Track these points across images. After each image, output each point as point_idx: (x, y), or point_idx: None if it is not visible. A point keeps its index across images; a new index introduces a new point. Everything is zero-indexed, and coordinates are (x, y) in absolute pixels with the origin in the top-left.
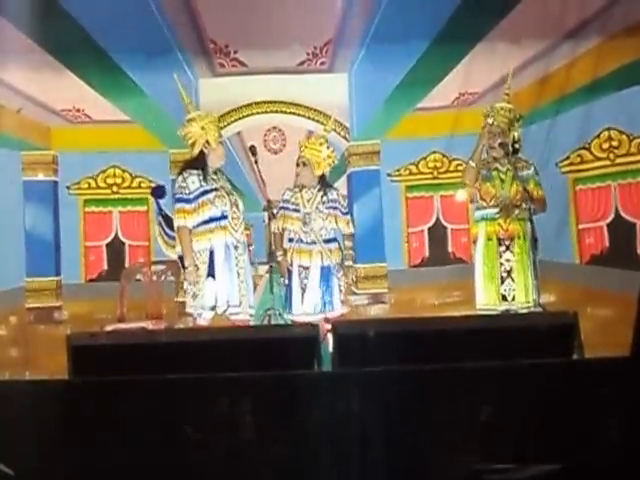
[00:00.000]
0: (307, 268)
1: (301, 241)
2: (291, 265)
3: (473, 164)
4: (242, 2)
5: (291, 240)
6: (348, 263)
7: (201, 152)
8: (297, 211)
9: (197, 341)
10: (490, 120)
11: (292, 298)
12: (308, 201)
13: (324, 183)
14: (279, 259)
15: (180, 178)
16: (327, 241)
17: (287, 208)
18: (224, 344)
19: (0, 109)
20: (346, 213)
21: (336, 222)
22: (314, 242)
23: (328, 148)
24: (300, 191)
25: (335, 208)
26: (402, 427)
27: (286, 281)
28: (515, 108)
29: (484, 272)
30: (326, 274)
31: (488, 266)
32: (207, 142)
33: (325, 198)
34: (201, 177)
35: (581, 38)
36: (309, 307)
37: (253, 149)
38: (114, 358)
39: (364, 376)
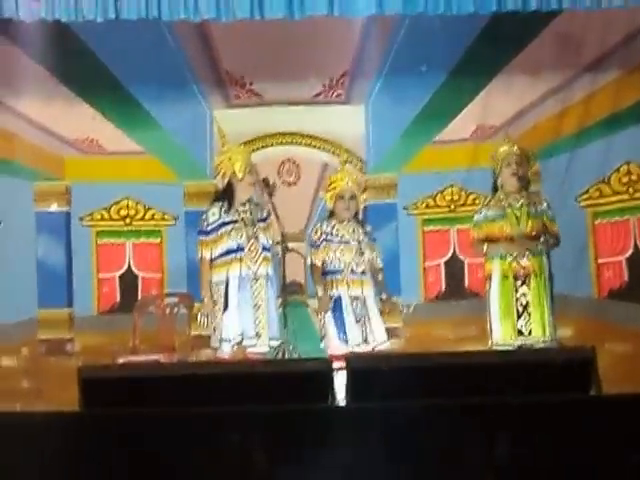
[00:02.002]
0: (358, 298)
1: (352, 272)
2: (339, 297)
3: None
4: (258, 33)
5: (335, 272)
6: (385, 296)
7: (229, 183)
8: (347, 242)
9: (209, 374)
10: (509, 151)
11: (346, 329)
12: (353, 232)
13: (359, 217)
14: (319, 294)
15: (206, 211)
16: (371, 272)
17: (331, 240)
18: (237, 377)
19: (13, 139)
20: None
21: (376, 254)
22: (364, 272)
23: (359, 182)
24: (341, 223)
25: (374, 240)
26: (415, 462)
27: (327, 315)
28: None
29: (500, 309)
30: (377, 305)
31: (504, 302)
32: (234, 173)
33: (363, 230)
34: (224, 209)
35: (600, 71)
36: (364, 337)
37: (266, 182)
38: (125, 391)
39: (378, 410)
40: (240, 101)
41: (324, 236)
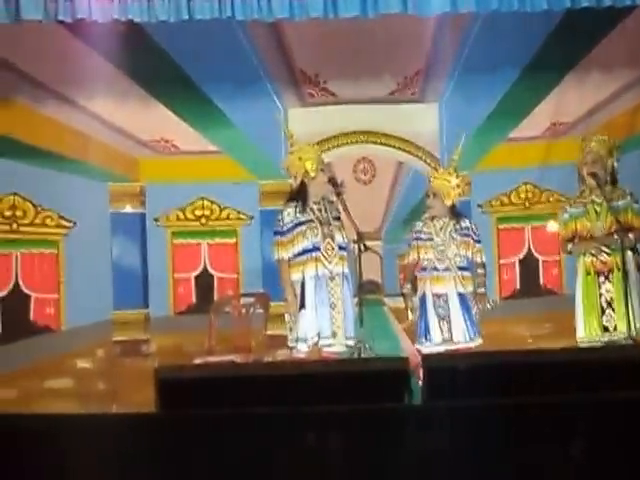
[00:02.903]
0: (441, 296)
1: (435, 269)
2: (424, 295)
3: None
4: (332, 32)
5: (424, 269)
6: (481, 291)
7: (302, 183)
8: (431, 240)
9: (285, 374)
10: (587, 148)
11: (430, 328)
12: (441, 229)
13: (455, 212)
14: (405, 291)
15: (281, 210)
16: (461, 269)
17: (421, 238)
18: (312, 377)
19: (88, 140)
20: (478, 241)
21: (469, 250)
22: (448, 269)
23: (457, 178)
24: (432, 221)
25: (467, 235)
26: (491, 462)
27: (415, 314)
28: (612, 138)
29: (584, 305)
30: (464, 302)
31: (588, 299)
32: (306, 172)
33: (457, 226)
34: (298, 209)
35: None
36: (448, 335)
37: (334, 180)
38: (202, 391)
39: (453, 410)
40: (314, 100)
41: (415, 235)
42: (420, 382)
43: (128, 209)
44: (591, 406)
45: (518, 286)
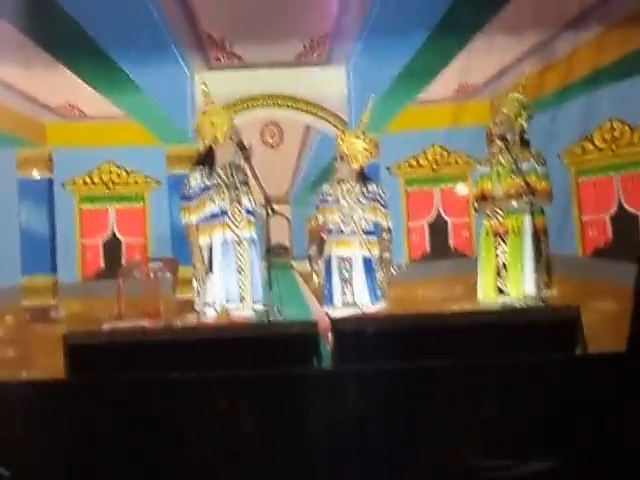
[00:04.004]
0: (346, 259)
1: (341, 232)
2: (329, 258)
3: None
4: None
5: (330, 232)
6: (386, 255)
7: (210, 148)
8: (337, 203)
9: (194, 339)
10: (497, 109)
11: (332, 290)
12: (347, 192)
13: (363, 176)
14: (311, 253)
15: (188, 175)
16: (367, 233)
17: (327, 201)
18: (221, 342)
19: None
20: (384, 206)
21: (375, 214)
22: (354, 233)
23: (364, 141)
24: (339, 184)
25: (375, 200)
26: (402, 425)
27: (320, 276)
28: (525, 98)
29: (482, 266)
30: (368, 266)
31: (485, 260)
32: (215, 137)
33: (365, 189)
34: (205, 173)
35: (581, 28)
36: (351, 298)
37: (241, 145)
38: (111, 357)
39: (363, 374)
40: (221, 63)
41: (321, 197)
42: (329, 346)
43: (35, 175)
44: (496, 368)
45: (428, 249)
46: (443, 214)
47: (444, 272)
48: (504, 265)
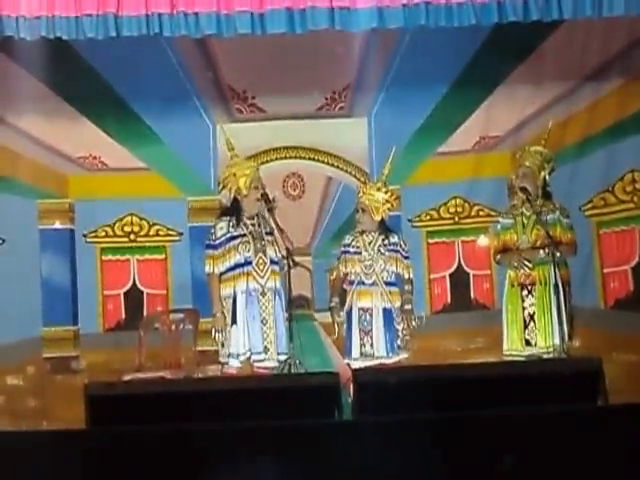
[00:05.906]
0: (367, 310)
1: (362, 283)
2: (350, 309)
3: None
4: (259, 48)
5: (352, 283)
6: (408, 307)
7: (235, 199)
8: (359, 254)
9: (215, 390)
10: (519, 161)
11: (352, 341)
12: (369, 244)
13: (384, 227)
14: (333, 305)
15: (214, 225)
16: (388, 284)
17: (349, 252)
18: (243, 393)
19: (16, 157)
20: (407, 257)
21: (397, 265)
22: (375, 284)
23: (386, 193)
24: (360, 235)
25: (396, 251)
26: (421, 476)
27: (342, 328)
28: (547, 151)
29: (507, 318)
30: (388, 317)
31: (511, 312)
32: (238, 188)
33: (386, 241)
34: (232, 223)
35: (603, 80)
36: (370, 349)
37: (266, 196)
38: (132, 408)
39: (385, 424)
40: (243, 116)
41: (343, 249)
42: (350, 397)
43: (57, 225)
44: (519, 419)
45: (449, 300)
46: (464, 266)
47: (465, 324)
48: (531, 316)
